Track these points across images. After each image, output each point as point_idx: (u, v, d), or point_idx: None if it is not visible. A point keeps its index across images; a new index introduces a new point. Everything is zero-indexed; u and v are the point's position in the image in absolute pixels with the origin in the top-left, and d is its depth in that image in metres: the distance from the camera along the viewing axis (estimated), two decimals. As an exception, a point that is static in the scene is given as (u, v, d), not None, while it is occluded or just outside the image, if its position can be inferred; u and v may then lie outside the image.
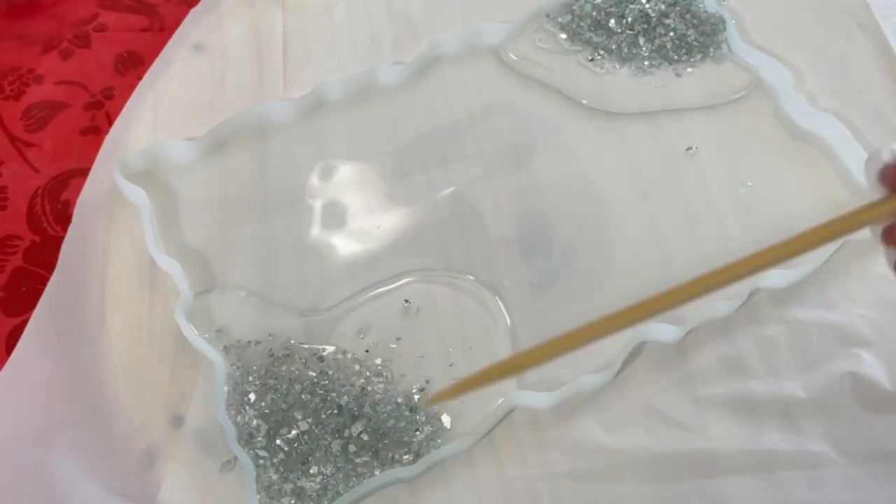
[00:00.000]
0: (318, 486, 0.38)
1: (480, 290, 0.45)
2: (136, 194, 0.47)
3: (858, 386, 0.41)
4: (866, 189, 0.47)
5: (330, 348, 0.43)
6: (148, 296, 0.45)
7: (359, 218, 0.48)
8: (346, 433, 0.39)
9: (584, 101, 0.51)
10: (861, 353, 0.42)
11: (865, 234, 0.45)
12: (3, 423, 0.41)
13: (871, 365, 0.41)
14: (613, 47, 0.53)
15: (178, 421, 0.41)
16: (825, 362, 0.42)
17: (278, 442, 0.39)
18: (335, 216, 0.48)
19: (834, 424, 0.40)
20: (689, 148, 0.49)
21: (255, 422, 0.40)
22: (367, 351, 0.43)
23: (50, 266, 0.46)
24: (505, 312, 0.44)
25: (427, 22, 0.56)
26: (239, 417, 0.40)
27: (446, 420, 0.41)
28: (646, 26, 0.54)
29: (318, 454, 0.39)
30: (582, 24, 0.54)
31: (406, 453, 0.39)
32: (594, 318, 0.31)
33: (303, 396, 0.40)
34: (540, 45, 0.54)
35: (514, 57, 0.54)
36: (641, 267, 0.45)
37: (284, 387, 0.41)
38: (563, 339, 0.31)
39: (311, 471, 0.39)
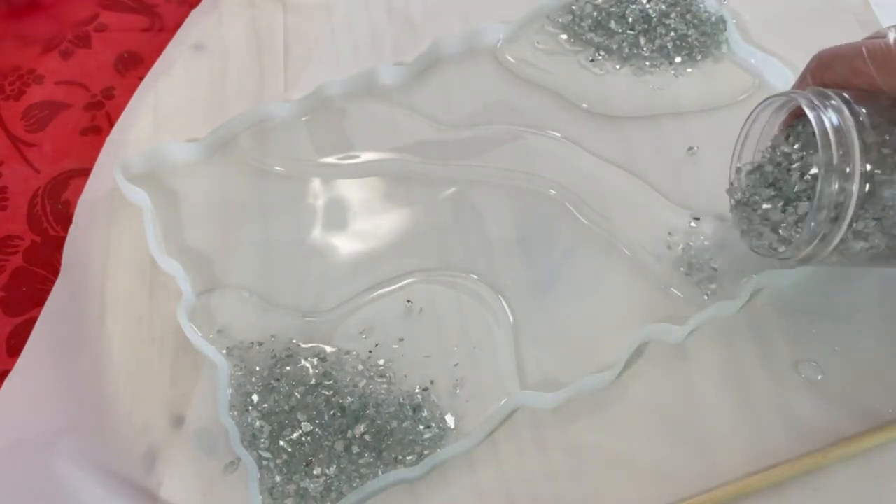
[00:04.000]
0: (321, 487, 0.38)
1: (483, 289, 0.45)
2: (138, 196, 0.47)
3: (858, 386, 0.41)
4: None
5: (332, 349, 0.43)
6: (149, 297, 0.45)
7: (360, 218, 0.48)
8: (350, 434, 0.39)
9: (584, 106, 0.51)
10: (861, 353, 0.42)
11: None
12: (7, 428, 0.41)
13: (870, 366, 0.41)
14: (614, 47, 0.53)
15: (179, 422, 0.41)
16: (825, 362, 0.42)
17: (281, 443, 0.39)
18: (336, 217, 0.48)
19: (835, 426, 0.40)
20: (690, 148, 0.49)
21: (258, 423, 0.40)
22: (369, 352, 0.43)
23: (50, 266, 0.46)
24: (508, 311, 0.44)
25: (427, 22, 0.56)
26: (242, 419, 0.40)
27: (450, 420, 0.41)
28: (646, 26, 0.54)
29: (321, 455, 0.39)
30: (583, 24, 0.54)
31: (409, 454, 0.39)
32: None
33: (306, 398, 0.40)
34: (540, 47, 0.54)
35: (511, 59, 0.54)
36: (642, 267, 0.45)
37: (287, 388, 0.41)
38: None
39: (315, 472, 0.39)
